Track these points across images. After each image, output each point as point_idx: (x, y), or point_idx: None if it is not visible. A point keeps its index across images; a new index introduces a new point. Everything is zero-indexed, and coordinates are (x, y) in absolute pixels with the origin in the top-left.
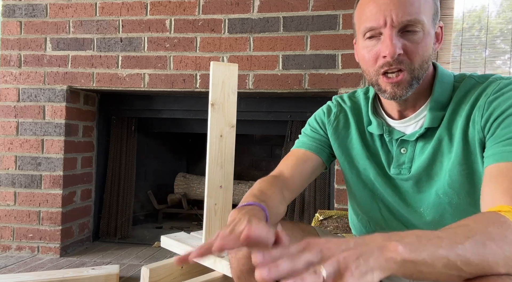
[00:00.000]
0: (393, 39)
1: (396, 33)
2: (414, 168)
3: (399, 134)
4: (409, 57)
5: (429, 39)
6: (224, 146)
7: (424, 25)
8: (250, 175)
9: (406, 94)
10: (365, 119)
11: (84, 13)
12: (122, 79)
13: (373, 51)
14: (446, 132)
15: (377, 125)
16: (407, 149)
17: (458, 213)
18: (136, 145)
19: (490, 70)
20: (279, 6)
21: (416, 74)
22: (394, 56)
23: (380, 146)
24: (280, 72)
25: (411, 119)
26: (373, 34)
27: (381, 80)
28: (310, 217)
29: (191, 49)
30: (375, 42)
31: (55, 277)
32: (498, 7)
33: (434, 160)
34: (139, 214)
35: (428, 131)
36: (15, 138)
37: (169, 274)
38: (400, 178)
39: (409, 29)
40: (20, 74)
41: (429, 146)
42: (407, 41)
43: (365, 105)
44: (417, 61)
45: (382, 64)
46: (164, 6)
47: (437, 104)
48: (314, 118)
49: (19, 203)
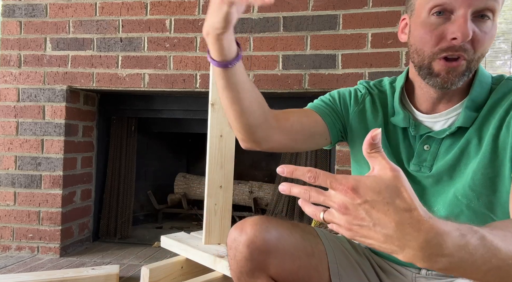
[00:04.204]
0: (468, 20)
1: (470, 15)
2: (436, 167)
3: (425, 129)
4: (473, 45)
5: (495, 31)
6: (224, 146)
7: (496, 14)
8: (250, 175)
9: (458, 83)
10: (390, 110)
11: (84, 13)
12: (122, 79)
13: (438, 29)
14: (476, 134)
15: (403, 117)
16: (430, 146)
17: (475, 216)
18: (136, 145)
19: (490, 70)
20: (279, 6)
21: (472, 65)
22: (466, 40)
23: (402, 139)
24: (280, 72)
25: (442, 115)
26: (442, 10)
27: (436, 63)
28: (310, 217)
29: (191, 49)
30: (443, 21)
31: (55, 277)
32: None
33: (459, 161)
34: (139, 214)
35: (459, 130)
36: (15, 138)
37: (169, 274)
38: (419, 175)
39: (484, 13)
40: (20, 74)
41: (456, 146)
42: (476, 29)
43: (391, 95)
44: (479, 51)
45: (447, 47)
46: (164, 6)
47: (473, 104)
48: (337, 91)
49: (19, 203)
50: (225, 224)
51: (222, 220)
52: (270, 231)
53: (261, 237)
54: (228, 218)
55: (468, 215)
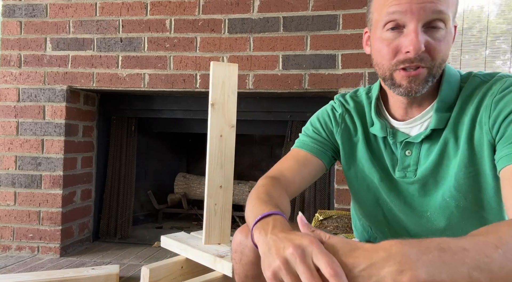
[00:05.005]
0: (418, 34)
1: (421, 28)
2: (420, 171)
3: (403, 136)
4: (430, 54)
5: (450, 37)
6: (224, 146)
7: (448, 22)
8: (250, 175)
9: (422, 90)
10: (368, 120)
11: (84, 13)
12: (122, 79)
13: (393, 43)
14: (452, 134)
15: (380, 127)
16: (412, 152)
17: (466, 216)
18: (136, 145)
19: (490, 70)
20: (279, 6)
21: (434, 72)
22: (419, 52)
23: (384, 148)
24: (280, 72)
25: (416, 120)
26: (395, 25)
27: (397, 74)
28: (310, 217)
29: (191, 49)
30: (396, 35)
31: (55, 277)
32: (497, 7)
33: (440, 163)
34: (139, 214)
35: (434, 132)
36: (15, 138)
37: (169, 274)
38: (406, 182)
39: (434, 25)
40: (20, 74)
41: (435, 148)
42: (430, 38)
43: (367, 105)
44: (437, 59)
45: (403, 60)
46: (164, 6)
47: (444, 105)
48: (317, 118)
49: (19, 203)
50: (225, 224)
51: (222, 220)
52: None
53: None
54: (228, 218)
55: (459, 216)
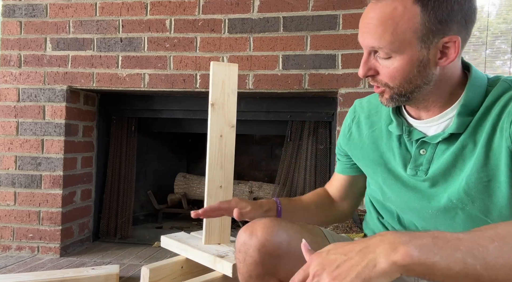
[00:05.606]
0: (363, 60)
1: (370, 55)
2: (432, 171)
3: (419, 134)
4: (384, 78)
5: (411, 61)
6: (224, 146)
7: (397, 51)
8: (250, 175)
9: (393, 104)
10: (387, 118)
11: (84, 13)
12: (122, 79)
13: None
14: (470, 139)
15: (397, 124)
16: (426, 151)
17: (469, 219)
18: (136, 145)
19: (490, 70)
20: (279, 6)
21: (397, 91)
22: (362, 76)
23: (399, 146)
24: (280, 72)
25: (434, 120)
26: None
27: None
28: None
29: (191, 49)
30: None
31: (55, 277)
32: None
33: (454, 165)
34: (139, 214)
35: (452, 135)
36: (15, 138)
37: (169, 274)
38: (416, 179)
39: (378, 54)
40: (20, 74)
41: (451, 150)
42: (379, 64)
43: None
44: (393, 81)
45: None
46: (164, 6)
47: (467, 109)
48: (341, 131)
49: (19, 203)
50: (225, 224)
51: (222, 220)
52: (281, 234)
53: (272, 241)
54: (228, 218)
55: (463, 218)
